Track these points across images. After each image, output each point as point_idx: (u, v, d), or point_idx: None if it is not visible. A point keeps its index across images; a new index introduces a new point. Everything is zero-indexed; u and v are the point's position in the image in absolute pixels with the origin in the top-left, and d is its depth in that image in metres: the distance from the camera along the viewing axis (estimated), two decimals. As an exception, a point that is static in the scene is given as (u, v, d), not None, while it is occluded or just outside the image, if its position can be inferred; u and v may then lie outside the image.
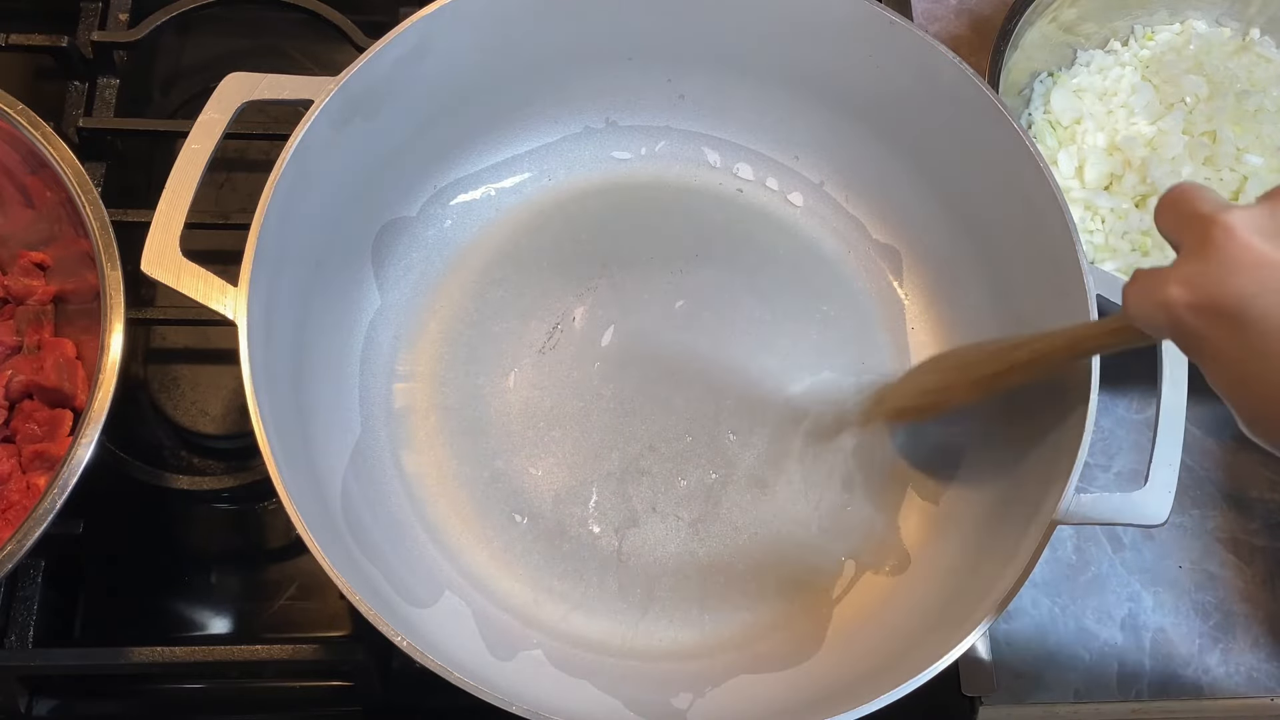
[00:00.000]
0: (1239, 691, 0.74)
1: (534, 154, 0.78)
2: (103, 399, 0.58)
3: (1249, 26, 0.89)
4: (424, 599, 0.66)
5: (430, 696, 0.68)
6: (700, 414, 0.73)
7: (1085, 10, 0.86)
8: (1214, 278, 0.39)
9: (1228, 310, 0.39)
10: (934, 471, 0.72)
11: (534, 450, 0.71)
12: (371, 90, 0.66)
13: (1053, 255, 0.66)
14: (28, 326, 0.68)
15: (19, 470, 0.64)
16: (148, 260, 0.60)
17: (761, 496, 0.71)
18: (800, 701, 0.64)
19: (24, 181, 0.66)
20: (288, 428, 0.61)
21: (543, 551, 0.69)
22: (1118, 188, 0.82)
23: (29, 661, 0.65)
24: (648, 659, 0.67)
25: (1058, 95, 0.85)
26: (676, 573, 0.69)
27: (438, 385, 0.72)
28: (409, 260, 0.75)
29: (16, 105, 0.63)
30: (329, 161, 0.65)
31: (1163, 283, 0.41)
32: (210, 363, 0.76)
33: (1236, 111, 0.84)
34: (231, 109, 0.63)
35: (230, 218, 0.73)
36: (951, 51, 0.69)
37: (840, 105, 0.76)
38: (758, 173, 0.80)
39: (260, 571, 0.74)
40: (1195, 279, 0.40)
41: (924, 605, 0.67)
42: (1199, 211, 0.41)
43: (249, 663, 0.67)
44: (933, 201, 0.75)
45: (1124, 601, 0.76)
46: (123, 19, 0.81)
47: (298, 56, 0.87)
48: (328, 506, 0.64)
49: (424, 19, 0.66)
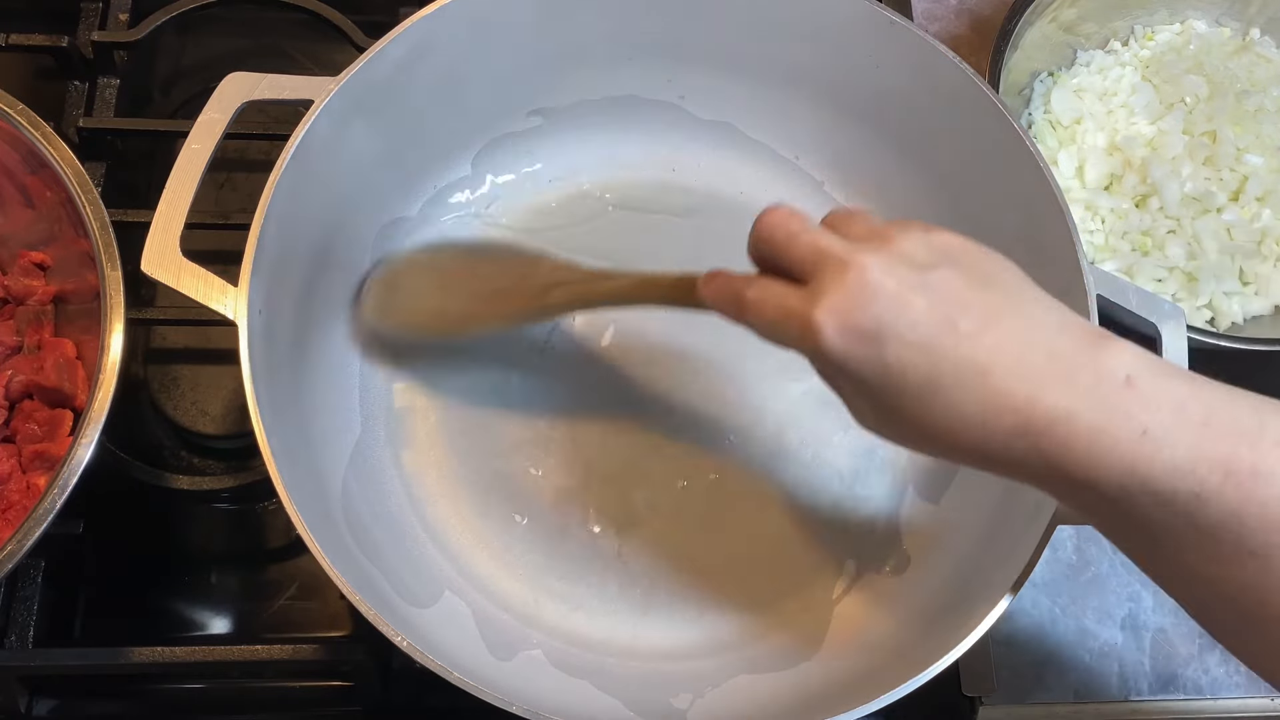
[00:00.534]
0: (1239, 691, 0.74)
1: (534, 154, 0.78)
2: (103, 399, 0.58)
3: (1249, 26, 0.89)
4: (424, 599, 0.66)
5: (430, 696, 0.68)
6: (700, 414, 0.73)
7: (1085, 10, 0.86)
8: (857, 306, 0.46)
9: (870, 332, 0.46)
10: (934, 471, 0.72)
11: (534, 450, 0.71)
12: (371, 90, 0.66)
13: (1053, 255, 0.66)
14: (28, 326, 0.68)
15: (19, 470, 0.64)
16: (148, 260, 0.60)
17: (761, 497, 0.71)
18: (800, 701, 0.64)
19: (24, 181, 0.66)
20: (288, 428, 0.61)
21: (543, 552, 0.69)
22: (1118, 188, 0.82)
23: (29, 661, 0.65)
24: (648, 659, 0.67)
25: (1058, 95, 0.85)
26: (676, 573, 0.69)
27: (438, 385, 0.72)
28: (409, 260, 0.75)
29: (16, 105, 0.63)
30: (329, 161, 0.65)
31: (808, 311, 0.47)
32: (210, 363, 0.76)
33: (1236, 111, 0.84)
34: (231, 109, 0.63)
35: (230, 218, 0.73)
36: (951, 51, 0.69)
37: (840, 105, 0.76)
38: (758, 172, 0.80)
39: (260, 571, 0.74)
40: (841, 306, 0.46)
41: (924, 605, 0.67)
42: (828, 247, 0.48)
43: (249, 663, 0.67)
44: (933, 202, 0.75)
45: (1124, 601, 0.76)
46: (123, 19, 0.81)
47: (298, 56, 0.87)
48: (328, 506, 0.64)
49: (424, 19, 0.66)
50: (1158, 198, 0.81)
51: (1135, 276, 0.80)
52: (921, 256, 0.48)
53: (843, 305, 0.46)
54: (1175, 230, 0.81)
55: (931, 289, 0.46)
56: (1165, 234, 0.81)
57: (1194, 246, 0.81)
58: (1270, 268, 0.81)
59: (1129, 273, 0.80)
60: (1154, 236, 0.81)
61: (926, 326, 0.46)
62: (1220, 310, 0.80)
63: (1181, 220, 0.81)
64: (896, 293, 0.46)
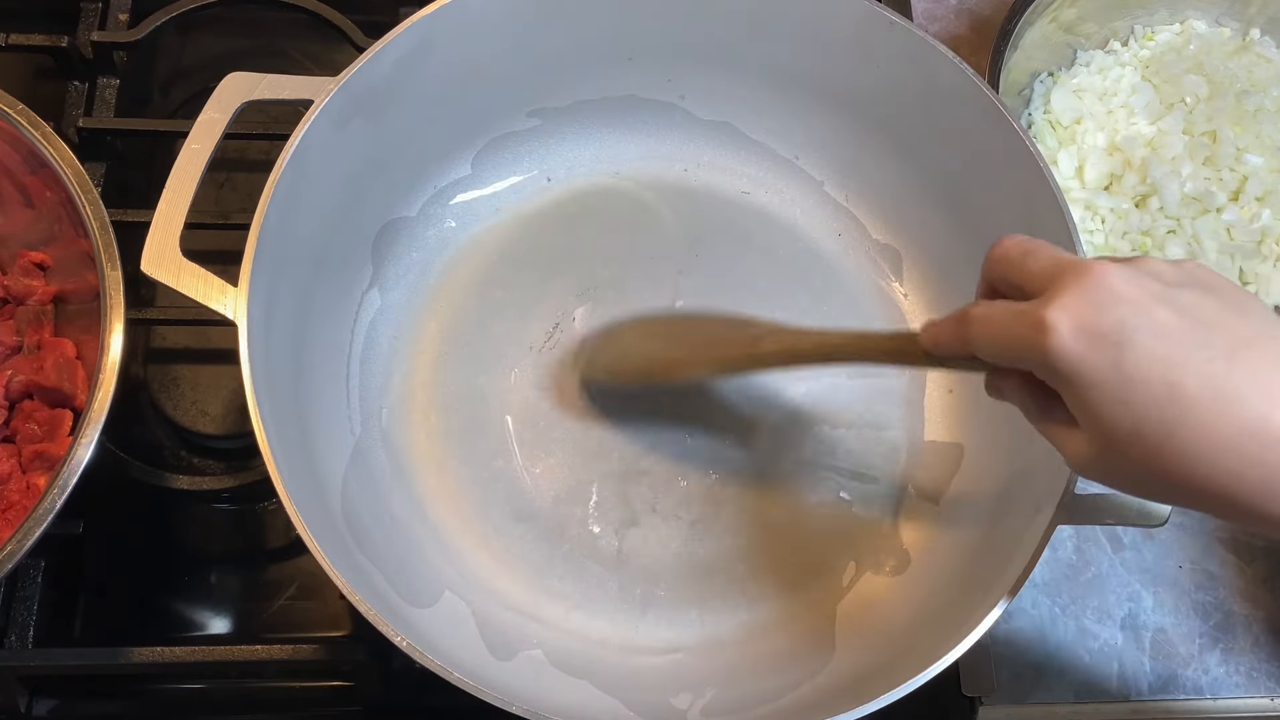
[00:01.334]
0: (1239, 691, 0.74)
1: (534, 154, 0.78)
2: (103, 399, 0.58)
3: (1249, 26, 0.89)
4: (424, 599, 0.66)
5: (430, 696, 0.68)
6: (700, 414, 0.73)
7: (1085, 10, 0.86)
8: (1097, 308, 0.44)
9: (1111, 335, 0.44)
10: (934, 471, 0.72)
11: (534, 450, 0.71)
12: (371, 90, 0.66)
13: (1053, 255, 0.66)
14: (28, 326, 0.68)
15: (19, 470, 0.64)
16: (148, 260, 0.60)
17: (761, 497, 0.71)
18: (800, 701, 0.64)
19: (24, 181, 0.66)
20: (288, 428, 0.61)
21: (543, 551, 0.69)
22: (1118, 188, 0.82)
23: (29, 661, 0.65)
24: (648, 659, 0.67)
25: (1058, 95, 0.85)
26: (676, 573, 0.69)
27: (438, 385, 0.72)
28: (409, 260, 0.75)
29: (16, 105, 0.63)
30: (329, 161, 0.65)
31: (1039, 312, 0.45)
32: (210, 363, 0.76)
33: (1236, 111, 0.84)
34: (231, 109, 0.63)
35: (230, 218, 0.73)
36: (951, 51, 0.69)
37: (840, 105, 0.76)
38: (758, 172, 0.80)
39: (260, 571, 0.74)
40: (1078, 307, 0.44)
41: (924, 605, 0.67)
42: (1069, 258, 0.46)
43: (249, 663, 0.67)
44: (933, 201, 0.75)
45: (1124, 601, 0.76)
46: (123, 19, 0.81)
47: (298, 56, 0.87)
48: (328, 506, 0.64)
49: (424, 19, 0.66)
50: (1158, 198, 0.81)
51: (1135, 276, 0.80)
52: (1170, 275, 0.46)
53: (1081, 305, 0.44)
54: (1175, 230, 0.81)
55: (1179, 304, 0.44)
56: (1165, 234, 0.81)
57: (1194, 246, 0.81)
58: (1270, 268, 0.81)
59: (1129, 273, 0.80)
60: (1154, 236, 0.81)
61: (1175, 338, 0.44)
62: (1220, 310, 0.80)
63: (1181, 220, 0.81)
64: (1141, 299, 0.44)
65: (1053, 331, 0.44)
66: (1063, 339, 0.44)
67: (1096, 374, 0.44)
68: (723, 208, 0.79)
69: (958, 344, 0.50)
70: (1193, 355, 0.43)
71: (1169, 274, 0.46)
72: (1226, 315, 0.45)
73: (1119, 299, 0.44)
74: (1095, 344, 0.44)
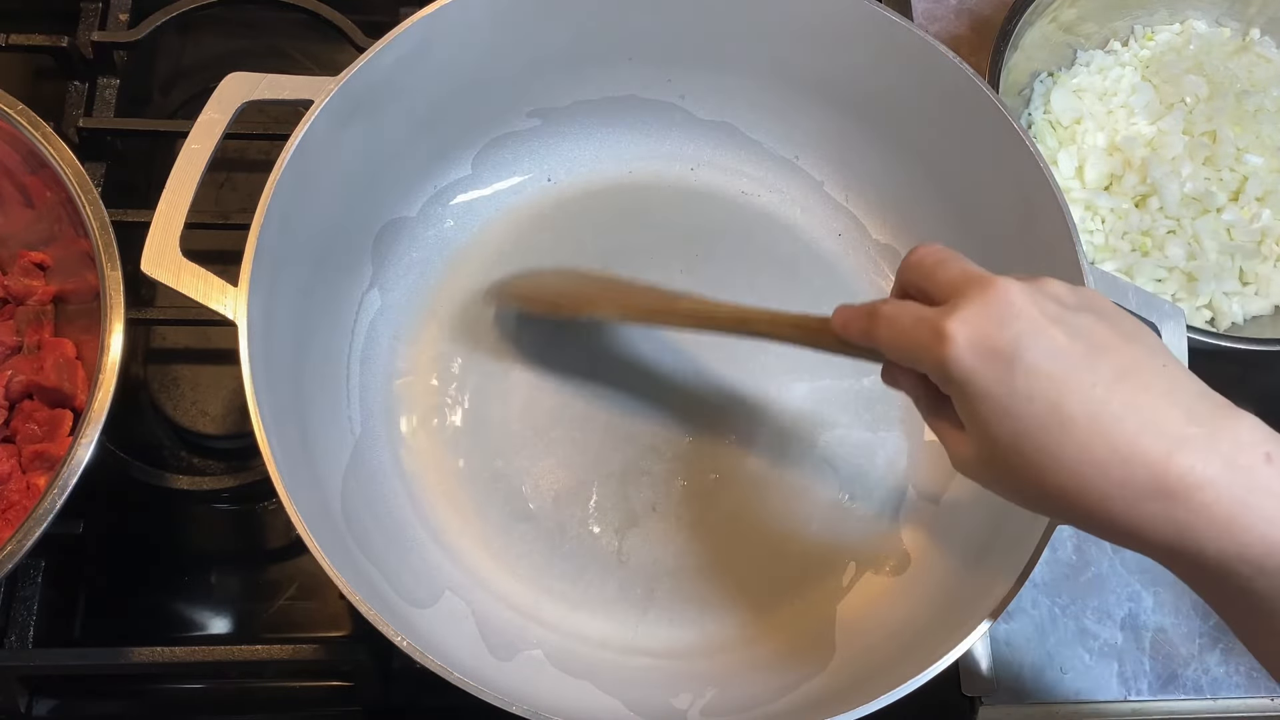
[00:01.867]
0: (1239, 691, 0.74)
1: (534, 154, 0.78)
2: (103, 399, 0.58)
3: (1249, 26, 0.89)
4: (424, 599, 0.66)
5: (430, 696, 0.68)
6: (700, 414, 0.73)
7: (1085, 10, 0.86)
8: (995, 323, 0.45)
9: (1004, 351, 0.45)
10: (934, 471, 0.72)
11: (534, 450, 0.71)
12: (371, 90, 0.66)
13: (1053, 255, 0.66)
14: (28, 326, 0.68)
15: (19, 470, 0.64)
16: (148, 260, 0.60)
17: (761, 497, 0.71)
18: (800, 701, 0.64)
19: (24, 181, 0.66)
20: (288, 428, 0.61)
21: (543, 551, 0.69)
22: (1118, 188, 0.82)
23: (29, 661, 0.65)
24: (648, 659, 0.67)
25: (1058, 95, 0.85)
26: (676, 573, 0.69)
27: (438, 385, 0.72)
28: (409, 260, 0.75)
29: (16, 105, 0.63)
30: (329, 161, 0.65)
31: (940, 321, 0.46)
32: (210, 363, 0.76)
33: (1236, 111, 0.84)
34: (231, 109, 0.63)
35: (230, 218, 0.73)
36: (951, 51, 0.69)
37: (840, 105, 0.76)
38: (758, 172, 0.80)
39: (260, 571, 0.74)
40: (978, 321, 0.46)
41: (924, 605, 0.67)
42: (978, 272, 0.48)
43: (249, 663, 0.67)
44: (933, 201, 0.75)
45: (1124, 601, 0.76)
46: (123, 19, 0.81)
47: (298, 56, 0.87)
48: (328, 506, 0.64)
49: (424, 19, 0.66)
50: (1158, 198, 0.81)
51: (1135, 277, 0.80)
52: (1068, 299, 0.47)
53: (980, 319, 0.46)
54: (1175, 230, 0.81)
55: (1073, 326, 0.46)
56: (1165, 234, 0.81)
57: (1194, 246, 0.81)
58: (1270, 268, 0.81)
59: (1129, 273, 0.80)
60: (1154, 236, 0.81)
61: (1064, 359, 0.45)
62: (1220, 310, 0.80)
63: (1181, 220, 0.81)
64: (1037, 319, 0.45)
65: (950, 341, 0.46)
66: (959, 349, 0.46)
67: (986, 386, 0.46)
68: (723, 207, 0.79)
69: (863, 336, 0.52)
70: (1079, 378, 0.45)
71: (1067, 297, 0.47)
72: (1115, 341, 0.46)
73: (1017, 316, 0.45)
74: (988, 358, 0.45)
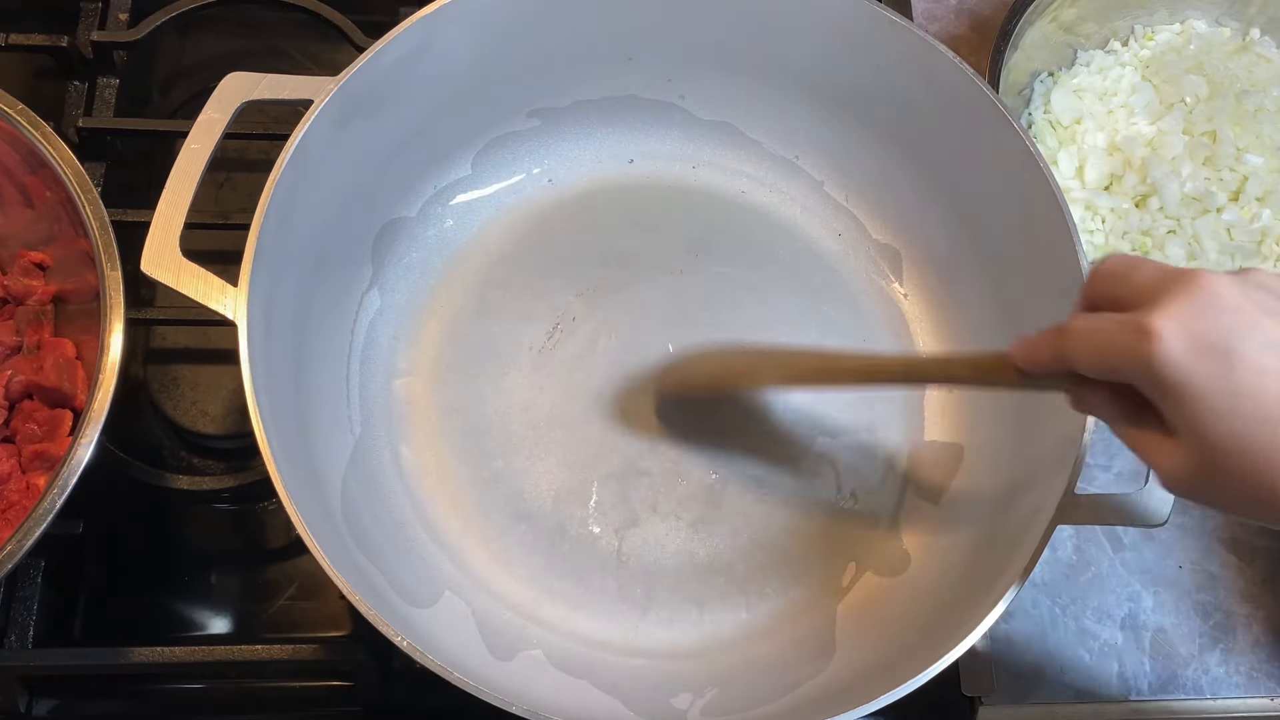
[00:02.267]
0: (1239, 691, 0.74)
1: (534, 154, 0.78)
2: (103, 399, 0.58)
3: (1249, 26, 0.89)
4: (424, 599, 0.66)
5: (430, 696, 0.68)
6: (700, 414, 0.73)
7: (1085, 10, 0.86)
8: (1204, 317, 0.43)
9: (1219, 345, 0.42)
10: (934, 471, 0.72)
11: (534, 450, 0.71)
12: (371, 90, 0.66)
13: (1053, 255, 0.66)
14: (28, 326, 0.68)
15: (19, 470, 0.64)
16: (148, 260, 0.60)
17: (761, 497, 0.71)
18: (800, 701, 0.64)
19: (24, 181, 0.66)
20: (288, 428, 0.61)
21: (543, 552, 0.69)
22: (1118, 188, 0.82)
23: (29, 661, 0.65)
24: (648, 659, 0.67)
25: (1058, 95, 0.85)
26: (676, 573, 0.69)
27: (438, 385, 0.72)
28: (409, 260, 0.75)
29: (16, 105, 0.63)
30: (329, 161, 0.65)
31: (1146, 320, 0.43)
32: (210, 363, 0.76)
33: (1236, 111, 0.84)
34: (231, 109, 0.63)
35: (230, 218, 0.73)
36: (951, 51, 0.69)
37: (840, 105, 0.76)
38: (758, 172, 0.80)
39: (260, 571, 0.74)
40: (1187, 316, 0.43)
41: (924, 605, 0.67)
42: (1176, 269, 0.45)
43: (249, 663, 0.67)
44: (933, 201, 0.75)
45: (1124, 601, 0.76)
46: (123, 19, 0.81)
47: (298, 56, 0.87)
48: (328, 506, 0.64)
49: (424, 19, 0.66)
50: (1158, 198, 0.81)
51: (1135, 276, 0.80)
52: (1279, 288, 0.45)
53: (1188, 314, 0.43)
54: (1175, 230, 0.81)
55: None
56: (1165, 234, 0.81)
57: (1194, 246, 0.80)
58: (1270, 268, 0.81)
59: (1129, 273, 0.80)
60: (1154, 236, 0.81)
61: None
62: (1220, 310, 0.80)
63: (1181, 220, 0.81)
64: (1250, 311, 0.43)
65: (1159, 339, 0.43)
66: (1170, 347, 0.43)
67: (1201, 384, 0.43)
68: (723, 208, 0.79)
69: (1054, 359, 0.48)
70: None
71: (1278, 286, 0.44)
72: None
73: (1227, 309, 0.43)
74: (1202, 354, 0.42)
